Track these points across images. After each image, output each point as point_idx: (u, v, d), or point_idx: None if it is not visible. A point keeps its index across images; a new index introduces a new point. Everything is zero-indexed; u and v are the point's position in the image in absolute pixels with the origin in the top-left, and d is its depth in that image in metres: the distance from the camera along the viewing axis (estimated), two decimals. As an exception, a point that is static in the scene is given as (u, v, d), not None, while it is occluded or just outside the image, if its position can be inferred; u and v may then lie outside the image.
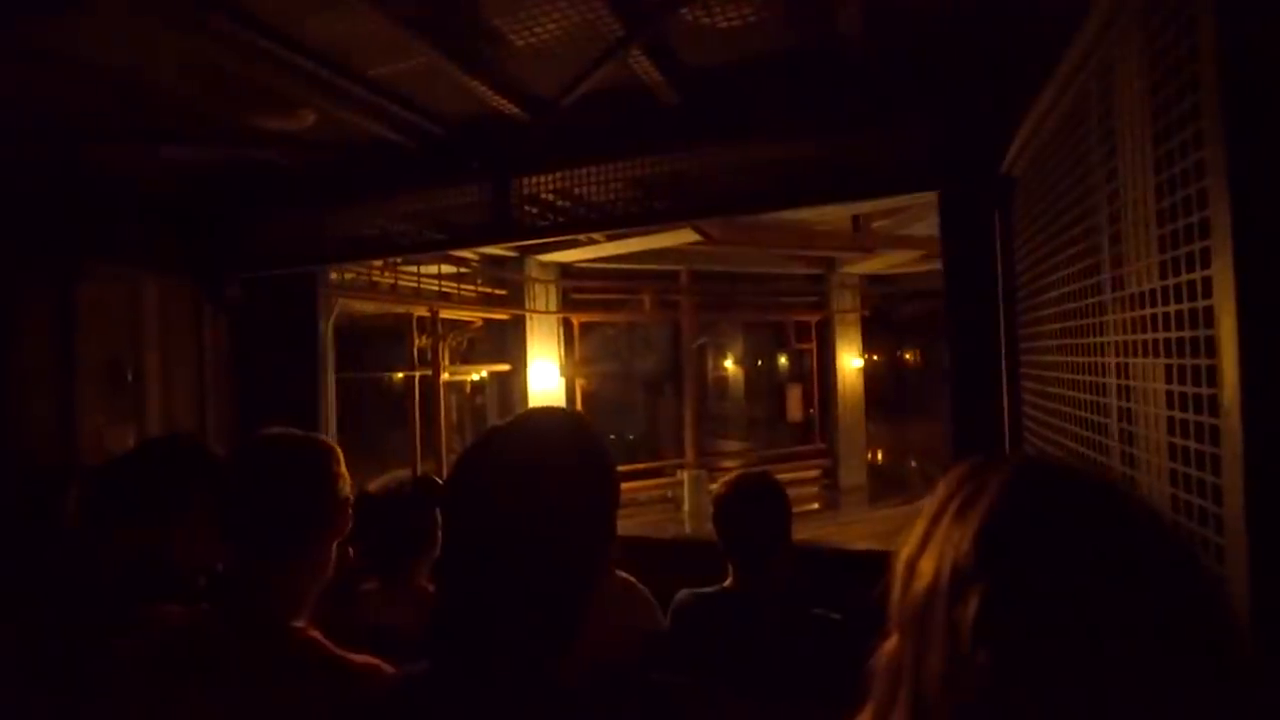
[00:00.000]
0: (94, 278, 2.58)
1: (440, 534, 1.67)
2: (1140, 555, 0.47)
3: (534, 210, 2.49)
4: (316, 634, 0.95)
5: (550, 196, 2.46)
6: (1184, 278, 0.89)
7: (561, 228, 2.53)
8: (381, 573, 1.64)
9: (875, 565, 0.58)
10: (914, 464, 13.88)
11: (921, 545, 0.54)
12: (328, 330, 3.91)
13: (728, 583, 1.62)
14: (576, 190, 2.40)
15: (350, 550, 1.13)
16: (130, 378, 2.69)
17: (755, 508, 1.61)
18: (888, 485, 10.49)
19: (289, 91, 1.94)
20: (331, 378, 3.87)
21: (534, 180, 2.44)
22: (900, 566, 0.55)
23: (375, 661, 0.92)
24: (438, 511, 1.73)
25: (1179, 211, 0.90)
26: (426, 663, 0.74)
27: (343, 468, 1.09)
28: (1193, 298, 0.88)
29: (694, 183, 2.24)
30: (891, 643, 0.55)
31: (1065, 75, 1.30)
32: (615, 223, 2.44)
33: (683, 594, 1.65)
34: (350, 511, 1.08)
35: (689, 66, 1.97)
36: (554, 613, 0.70)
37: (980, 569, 0.48)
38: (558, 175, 2.40)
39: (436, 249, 2.88)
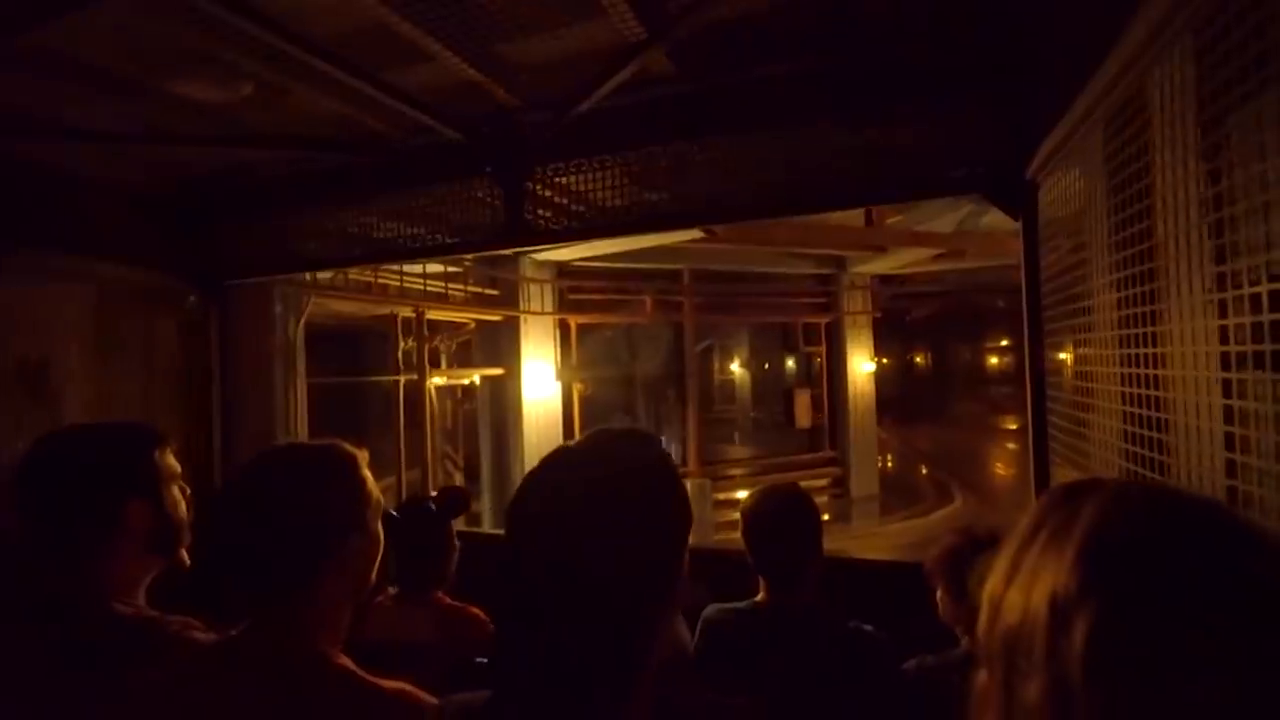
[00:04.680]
0: (17, 274, 2.27)
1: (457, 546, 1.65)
2: (1264, 576, 0.44)
3: (546, 214, 2.46)
4: (347, 661, 0.92)
5: (564, 200, 2.42)
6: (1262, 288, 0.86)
7: (575, 233, 2.48)
8: (399, 585, 1.62)
9: (903, 577, 0.56)
10: (925, 471, 13.69)
11: (1008, 578, 0.51)
12: (298, 332, 3.60)
13: (759, 597, 1.59)
14: (590, 194, 2.36)
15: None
16: (57, 388, 2.37)
17: (786, 522, 1.57)
18: (899, 494, 10.29)
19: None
20: (302, 383, 3.54)
21: (547, 183, 2.40)
22: (985, 602, 0.52)
23: (406, 687, 0.89)
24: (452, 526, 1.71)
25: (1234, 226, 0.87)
26: (486, 692, 0.71)
27: (368, 475, 1.04)
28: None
29: (713, 185, 2.20)
30: (981, 679, 0.53)
31: (1103, 82, 1.26)
32: (630, 228, 2.39)
33: (711, 609, 1.61)
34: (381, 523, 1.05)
35: (709, 68, 1.94)
36: (626, 655, 0.66)
37: (1085, 594, 0.45)
38: (571, 178, 2.37)
39: (447, 253, 2.82)
